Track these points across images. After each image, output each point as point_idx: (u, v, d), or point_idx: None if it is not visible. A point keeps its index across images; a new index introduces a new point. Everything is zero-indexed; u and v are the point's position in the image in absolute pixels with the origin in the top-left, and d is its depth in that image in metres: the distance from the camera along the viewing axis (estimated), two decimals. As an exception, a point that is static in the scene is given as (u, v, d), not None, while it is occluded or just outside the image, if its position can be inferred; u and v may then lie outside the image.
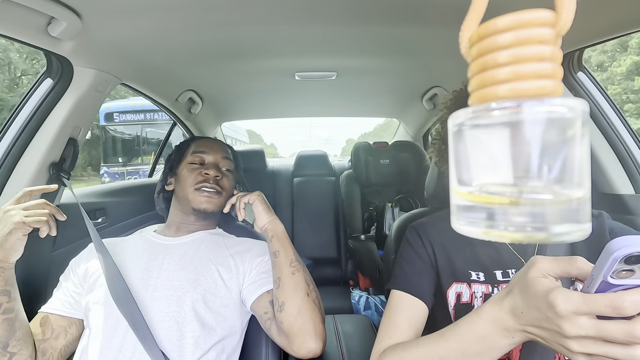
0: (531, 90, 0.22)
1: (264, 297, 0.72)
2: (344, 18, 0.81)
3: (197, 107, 1.60)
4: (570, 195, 0.22)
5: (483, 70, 0.23)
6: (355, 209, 1.89)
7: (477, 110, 0.23)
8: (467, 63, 0.25)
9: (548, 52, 0.22)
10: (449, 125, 0.26)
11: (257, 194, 0.81)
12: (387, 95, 1.70)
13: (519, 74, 0.22)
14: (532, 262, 0.34)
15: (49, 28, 0.69)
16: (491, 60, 0.23)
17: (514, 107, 0.22)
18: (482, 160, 0.24)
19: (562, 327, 0.30)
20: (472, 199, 0.24)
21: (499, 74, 0.23)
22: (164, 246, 0.79)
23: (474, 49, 0.24)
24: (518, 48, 0.22)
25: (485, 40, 0.23)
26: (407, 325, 0.55)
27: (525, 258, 0.59)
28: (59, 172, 0.88)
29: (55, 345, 0.67)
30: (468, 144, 0.24)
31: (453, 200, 0.26)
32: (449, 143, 0.26)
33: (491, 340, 0.37)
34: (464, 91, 0.67)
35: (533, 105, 0.21)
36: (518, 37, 0.22)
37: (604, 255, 0.29)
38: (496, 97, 0.23)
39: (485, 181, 0.23)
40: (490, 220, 0.23)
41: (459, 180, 0.25)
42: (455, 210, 0.26)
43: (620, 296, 0.28)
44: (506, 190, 0.22)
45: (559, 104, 0.21)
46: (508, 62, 0.22)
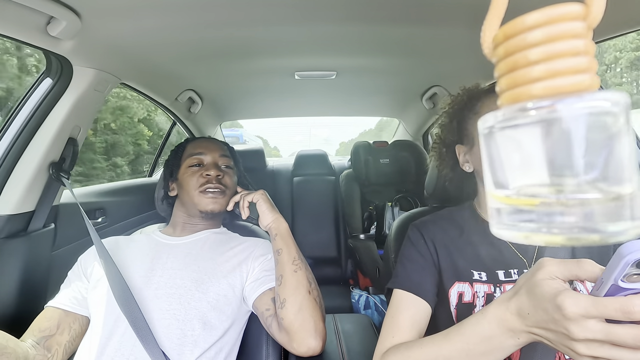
0: (568, 87, 0.21)
1: (266, 294, 0.72)
2: (344, 17, 0.80)
3: (196, 107, 1.60)
4: (619, 191, 0.20)
5: (513, 70, 0.22)
6: (355, 209, 1.89)
7: (511, 111, 0.22)
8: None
9: (582, 46, 0.21)
10: (479, 128, 0.25)
11: (261, 192, 0.82)
12: (386, 95, 1.70)
13: (553, 70, 0.21)
14: (540, 264, 0.34)
15: (48, 27, 0.69)
16: (522, 59, 0.22)
17: (551, 105, 0.20)
18: (519, 162, 0.23)
19: (569, 329, 0.30)
20: (510, 202, 0.23)
21: (532, 72, 0.22)
22: (169, 245, 0.80)
23: (500, 49, 0.23)
24: (550, 44, 0.21)
25: (514, 38, 0.22)
26: (410, 324, 0.55)
27: (526, 258, 0.59)
28: (59, 172, 0.88)
29: (60, 341, 0.67)
30: (502, 146, 0.23)
31: (490, 204, 0.25)
32: (481, 147, 0.25)
33: (496, 341, 0.37)
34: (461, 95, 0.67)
35: (572, 102, 0.20)
36: (549, 32, 0.21)
37: (615, 258, 0.29)
38: (531, 97, 0.22)
39: (523, 183, 0.23)
40: (532, 223, 0.22)
41: (495, 184, 0.24)
42: (495, 214, 0.24)
43: (631, 300, 0.27)
44: (548, 192, 0.21)
45: (600, 98, 0.20)
46: (541, 60, 0.21)
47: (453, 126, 0.66)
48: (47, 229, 0.92)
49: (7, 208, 0.81)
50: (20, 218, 0.84)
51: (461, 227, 0.65)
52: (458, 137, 0.66)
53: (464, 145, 0.64)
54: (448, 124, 0.68)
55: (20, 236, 0.84)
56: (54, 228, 0.94)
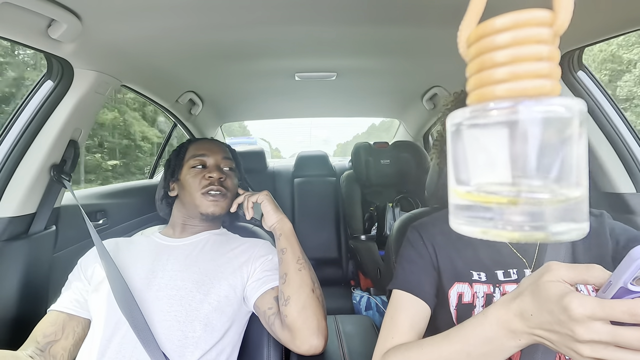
0: (529, 90, 0.22)
1: (268, 293, 0.72)
2: (344, 19, 0.81)
3: (197, 108, 1.61)
4: (568, 194, 0.22)
5: (481, 70, 0.23)
6: (356, 209, 1.88)
7: (475, 110, 0.23)
8: (467, 63, 0.25)
9: (546, 52, 0.22)
10: (447, 125, 0.26)
11: (265, 193, 0.82)
12: (387, 96, 1.70)
13: (516, 73, 0.22)
14: (548, 267, 0.34)
15: (49, 30, 0.69)
16: (489, 60, 0.23)
17: (512, 107, 0.21)
18: (480, 160, 0.24)
19: (575, 331, 0.30)
20: (470, 199, 0.24)
21: (496, 73, 0.23)
22: (169, 247, 0.80)
23: (472, 49, 0.24)
24: (516, 48, 0.22)
25: (483, 40, 0.23)
26: (409, 325, 0.55)
27: (526, 258, 0.59)
28: (60, 174, 0.88)
29: (65, 346, 0.67)
30: (466, 143, 0.24)
31: (451, 200, 0.26)
32: (447, 143, 0.26)
33: (497, 343, 0.37)
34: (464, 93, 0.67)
35: (530, 105, 0.21)
36: (516, 36, 0.22)
37: (626, 261, 0.29)
38: (494, 97, 0.23)
39: (483, 180, 0.24)
40: (488, 219, 0.23)
41: (457, 180, 0.25)
42: (454, 209, 0.26)
43: (639, 303, 0.27)
44: (504, 190, 0.22)
45: (556, 103, 0.21)
46: (506, 62, 0.22)
47: None
48: (48, 231, 0.92)
49: (8, 210, 0.82)
50: (22, 220, 0.84)
51: None
52: None
53: None
54: None
55: (22, 238, 0.84)
56: (55, 230, 0.94)
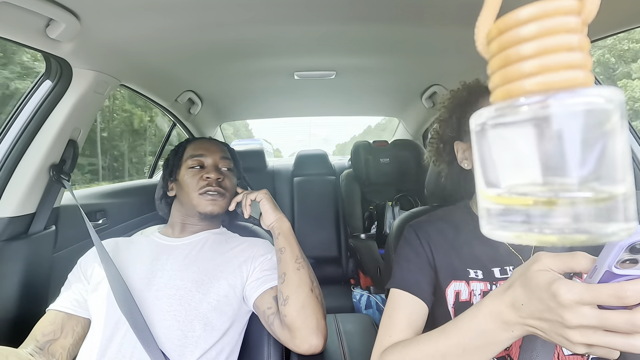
0: (561, 82, 0.20)
1: (267, 293, 0.72)
2: (343, 17, 0.81)
3: (196, 108, 1.60)
4: (612, 191, 0.20)
5: (506, 65, 0.22)
6: (356, 208, 1.89)
7: (503, 107, 0.21)
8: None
9: (576, 41, 0.21)
10: (471, 125, 0.24)
11: (264, 192, 0.82)
12: (386, 94, 1.70)
13: (546, 65, 0.20)
14: (536, 257, 0.35)
15: (47, 30, 0.69)
16: (515, 54, 0.21)
17: (544, 101, 0.20)
18: (510, 160, 0.22)
19: (564, 317, 0.30)
20: (501, 202, 0.22)
21: (524, 67, 0.21)
22: (168, 247, 0.80)
23: (494, 44, 0.23)
24: (544, 39, 0.21)
25: (507, 33, 0.22)
26: (407, 323, 0.55)
27: (522, 255, 0.59)
28: (59, 174, 0.88)
29: (64, 345, 0.67)
30: (494, 143, 0.23)
31: (481, 204, 0.24)
32: (473, 144, 0.24)
33: (491, 335, 0.37)
34: (461, 90, 0.67)
35: (565, 97, 0.20)
36: (543, 27, 0.20)
37: (609, 245, 0.29)
38: (523, 92, 0.21)
39: (514, 182, 0.22)
40: (523, 223, 0.21)
41: (486, 183, 0.23)
42: (485, 214, 0.24)
43: (624, 286, 0.28)
44: (539, 191, 0.21)
45: (594, 94, 0.20)
46: (534, 54, 0.21)
47: (452, 122, 0.66)
48: (48, 231, 0.92)
49: (7, 210, 0.81)
50: (21, 220, 0.84)
51: (457, 226, 0.65)
52: (457, 133, 0.65)
53: (463, 142, 0.64)
54: (447, 119, 0.68)
55: (21, 238, 0.84)
56: (54, 230, 0.94)
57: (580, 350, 0.31)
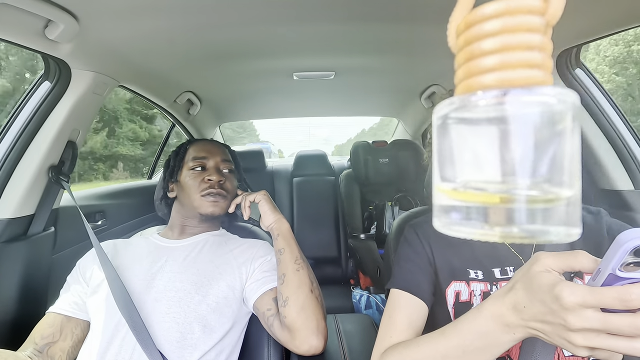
0: (519, 80, 0.21)
1: (267, 294, 0.72)
2: (341, 17, 0.81)
3: (195, 109, 1.60)
4: (559, 193, 0.20)
5: (469, 60, 0.22)
6: (355, 208, 1.89)
7: (461, 100, 0.22)
8: (455, 54, 0.24)
9: (537, 41, 0.21)
10: (433, 118, 0.24)
11: (263, 193, 0.82)
12: (385, 94, 1.70)
13: (506, 62, 0.21)
14: (536, 258, 0.35)
15: (46, 31, 0.69)
16: (477, 49, 0.22)
17: (500, 96, 0.20)
18: (467, 155, 0.22)
19: (567, 319, 0.30)
20: (455, 197, 0.23)
21: (485, 62, 0.21)
22: (168, 248, 0.79)
23: (461, 39, 0.23)
24: (505, 35, 0.21)
25: (472, 28, 0.22)
26: (407, 324, 0.55)
27: (523, 256, 0.59)
28: (58, 175, 0.88)
29: (63, 347, 0.67)
30: (452, 137, 0.23)
31: (436, 199, 0.24)
32: (433, 137, 0.25)
33: (492, 337, 0.37)
34: None
35: (520, 93, 0.20)
36: (506, 24, 0.21)
37: (613, 247, 0.29)
38: (482, 87, 0.21)
39: (469, 178, 0.22)
40: (474, 219, 0.22)
41: (442, 177, 0.24)
42: (438, 209, 0.24)
43: (628, 289, 0.28)
44: (492, 187, 0.21)
45: (548, 93, 0.20)
46: (495, 50, 0.21)
47: None
48: (47, 233, 0.92)
49: (6, 212, 0.81)
50: (20, 222, 0.84)
51: None
52: None
53: None
54: None
55: (21, 240, 0.84)
56: (54, 231, 0.94)
57: (582, 353, 0.31)
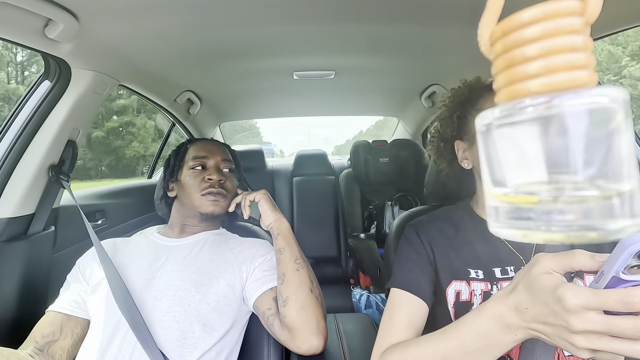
0: (566, 83, 0.21)
1: (267, 294, 0.72)
2: (342, 17, 0.80)
3: (195, 108, 1.60)
4: (618, 188, 0.20)
5: (510, 66, 0.22)
6: (355, 208, 1.89)
7: (507, 109, 0.22)
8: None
9: (580, 42, 0.21)
10: (477, 125, 0.24)
11: (263, 192, 0.82)
12: (385, 94, 1.70)
13: (550, 66, 0.21)
14: (536, 259, 0.34)
15: (46, 30, 0.69)
16: (519, 55, 0.22)
17: (549, 102, 0.20)
18: (517, 159, 0.22)
19: (569, 322, 0.30)
20: (509, 201, 0.23)
21: (529, 68, 0.21)
22: (168, 247, 0.79)
23: (498, 46, 0.23)
24: (547, 40, 0.21)
25: (511, 35, 0.22)
26: (407, 323, 0.55)
27: (523, 255, 0.59)
28: (58, 175, 0.88)
29: (63, 346, 0.67)
30: (500, 143, 0.23)
31: (489, 203, 0.25)
32: (479, 145, 0.25)
33: (493, 338, 0.37)
34: (462, 88, 0.66)
35: (570, 98, 0.20)
36: (546, 28, 0.21)
37: (617, 250, 0.29)
38: (528, 93, 0.21)
39: (521, 181, 0.22)
40: (530, 221, 0.22)
41: (493, 182, 0.24)
42: (493, 213, 0.24)
43: (632, 291, 0.27)
44: (545, 189, 0.21)
45: (598, 94, 0.20)
46: (538, 56, 0.21)
47: (453, 121, 0.66)
48: (47, 232, 0.92)
49: (7, 211, 0.81)
50: (21, 221, 0.84)
51: (457, 225, 0.64)
52: (457, 132, 0.65)
53: (464, 141, 0.63)
54: (448, 118, 0.67)
55: (21, 239, 0.84)
56: (54, 231, 0.94)
57: (585, 355, 0.31)
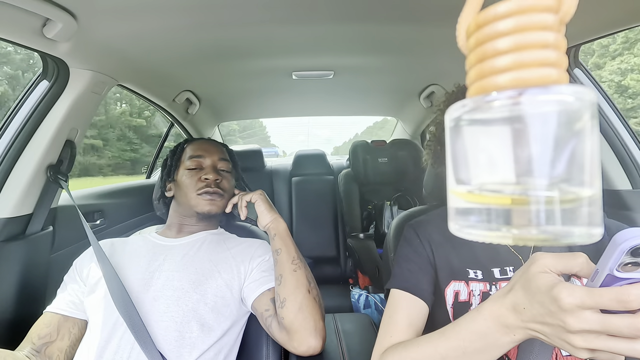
0: (534, 79, 0.20)
1: (265, 295, 0.72)
2: (341, 16, 0.80)
3: (194, 108, 1.60)
4: (578, 193, 0.20)
5: (482, 60, 0.22)
6: (354, 208, 1.89)
7: (475, 102, 0.21)
8: (464, 60, 0.24)
9: (551, 39, 0.21)
10: (446, 120, 0.24)
11: (259, 192, 0.82)
12: (384, 94, 1.70)
13: (520, 62, 0.20)
14: (534, 258, 0.34)
15: (44, 30, 0.69)
16: (490, 49, 0.21)
17: (516, 96, 0.20)
18: (482, 157, 0.22)
19: (566, 321, 0.30)
20: (471, 199, 0.22)
21: (498, 62, 0.21)
22: (166, 247, 0.79)
23: (472, 39, 0.23)
24: (519, 34, 0.20)
25: (484, 28, 0.22)
26: (408, 324, 0.55)
27: (522, 256, 0.59)
28: (57, 175, 0.88)
29: (61, 347, 0.67)
30: (466, 139, 0.22)
31: (451, 202, 0.24)
32: (446, 140, 0.24)
33: (492, 338, 0.37)
34: (456, 93, 0.67)
35: (536, 93, 0.20)
36: (519, 22, 0.20)
37: (610, 247, 0.28)
38: (496, 87, 0.21)
39: (485, 180, 0.22)
40: (491, 222, 0.21)
41: (456, 180, 0.23)
42: (453, 212, 0.24)
43: (627, 289, 0.27)
44: (508, 189, 0.20)
45: (565, 92, 0.19)
46: (509, 50, 0.21)
47: None
48: (45, 232, 0.91)
49: (4, 211, 0.81)
50: (18, 221, 0.84)
51: None
52: None
53: None
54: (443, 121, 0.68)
55: (19, 239, 0.84)
56: (52, 231, 0.94)
57: (583, 355, 0.30)
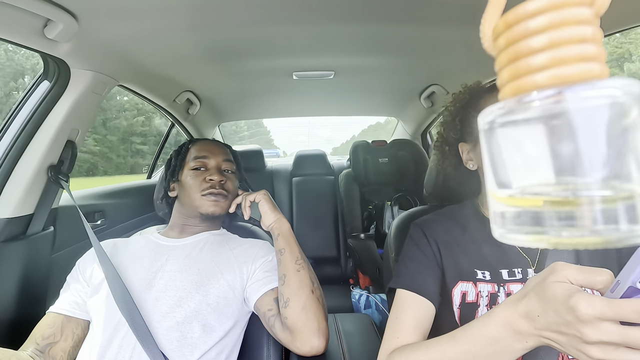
0: (576, 75, 0.19)
1: (268, 294, 0.72)
2: (341, 17, 0.81)
3: (195, 108, 1.60)
4: (633, 189, 0.18)
5: (515, 60, 0.21)
6: (355, 208, 1.89)
7: (513, 103, 0.20)
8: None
9: (589, 33, 0.19)
10: (479, 123, 0.23)
11: (263, 192, 0.82)
12: (385, 94, 1.71)
13: (559, 58, 0.19)
14: (554, 268, 0.33)
15: (45, 30, 0.69)
16: (525, 47, 0.20)
17: (558, 94, 0.18)
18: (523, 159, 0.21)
19: (583, 332, 0.29)
20: (514, 203, 0.21)
21: (535, 60, 0.20)
22: (168, 247, 0.79)
23: (502, 39, 0.22)
24: (555, 31, 0.19)
25: (515, 27, 0.21)
26: (415, 325, 0.54)
27: (530, 257, 0.58)
28: (57, 175, 0.88)
29: (64, 348, 0.67)
30: (505, 142, 0.21)
31: (492, 206, 0.23)
32: (482, 144, 0.23)
33: (503, 344, 0.36)
34: (463, 92, 0.67)
35: (581, 89, 0.18)
36: (554, 19, 0.19)
37: (633, 260, 0.28)
38: (535, 86, 0.20)
39: (527, 182, 0.21)
40: (537, 225, 0.20)
41: (497, 183, 0.22)
42: (497, 217, 0.22)
43: None
44: (553, 190, 0.19)
45: (611, 86, 0.18)
46: (545, 47, 0.20)
47: (455, 124, 0.66)
48: (46, 232, 0.91)
49: (5, 211, 0.81)
50: (19, 221, 0.84)
51: (464, 225, 0.64)
52: (461, 135, 0.65)
53: (467, 143, 0.64)
54: (450, 121, 0.67)
55: (20, 239, 0.84)
56: (53, 231, 0.94)
57: None
